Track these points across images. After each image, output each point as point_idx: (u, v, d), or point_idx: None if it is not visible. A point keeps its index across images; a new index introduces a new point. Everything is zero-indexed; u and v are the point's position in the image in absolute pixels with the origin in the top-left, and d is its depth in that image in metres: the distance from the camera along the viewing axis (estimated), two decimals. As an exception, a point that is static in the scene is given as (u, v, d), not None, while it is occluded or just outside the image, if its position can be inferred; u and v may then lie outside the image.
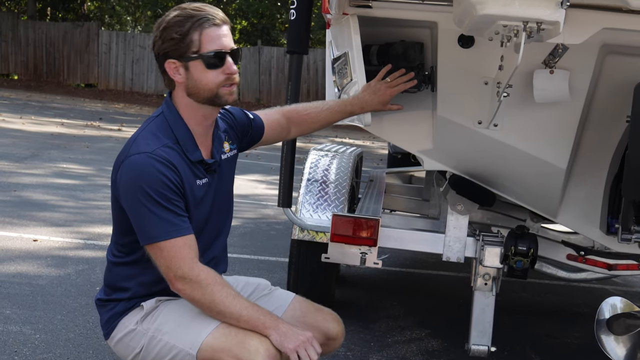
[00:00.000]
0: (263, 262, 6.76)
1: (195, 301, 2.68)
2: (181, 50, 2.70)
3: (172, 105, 2.81)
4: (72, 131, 15.93)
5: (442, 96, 3.79)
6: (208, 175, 2.85)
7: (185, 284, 2.65)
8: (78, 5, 31.73)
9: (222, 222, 3.02)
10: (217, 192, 2.93)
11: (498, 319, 4.17)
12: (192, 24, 2.69)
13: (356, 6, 3.58)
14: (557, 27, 2.84)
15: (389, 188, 6.29)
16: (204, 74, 2.73)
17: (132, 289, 2.83)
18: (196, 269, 2.65)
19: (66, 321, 4.75)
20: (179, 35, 2.68)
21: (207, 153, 2.87)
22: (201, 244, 2.84)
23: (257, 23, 30.85)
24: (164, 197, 2.64)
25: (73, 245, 6.68)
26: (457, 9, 3.14)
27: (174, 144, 2.74)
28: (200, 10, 2.72)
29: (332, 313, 3.08)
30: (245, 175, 11.74)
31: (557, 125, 3.75)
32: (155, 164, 2.64)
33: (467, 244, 4.22)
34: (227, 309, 2.65)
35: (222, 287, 2.67)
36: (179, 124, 2.78)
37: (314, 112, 3.41)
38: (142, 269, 2.77)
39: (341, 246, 4.11)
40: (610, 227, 4.00)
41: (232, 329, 2.66)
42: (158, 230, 2.64)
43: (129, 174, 2.67)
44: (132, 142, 2.75)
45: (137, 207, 2.65)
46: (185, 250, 2.65)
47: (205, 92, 2.75)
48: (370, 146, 18.57)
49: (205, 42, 2.70)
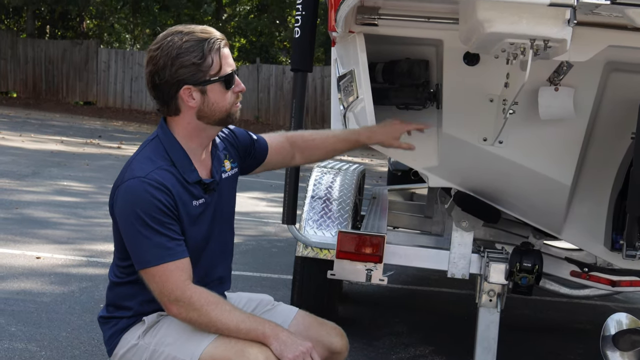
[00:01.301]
0: (265, 279, 6.76)
1: (193, 322, 2.69)
2: (199, 75, 2.68)
3: (167, 129, 2.80)
4: (71, 149, 15.95)
5: (447, 113, 3.80)
6: (206, 195, 2.84)
7: (180, 308, 2.66)
8: (77, 23, 31.81)
9: (225, 241, 3.02)
10: (218, 211, 2.92)
11: (501, 335, 4.17)
12: (210, 46, 2.68)
13: (362, 24, 3.60)
14: (564, 44, 2.86)
15: (391, 205, 6.29)
16: (222, 95, 2.74)
17: (134, 307, 2.84)
18: (188, 292, 2.65)
19: (71, 338, 4.75)
20: (199, 59, 2.66)
21: (207, 173, 2.87)
22: (204, 264, 2.86)
23: (255, 41, 30.95)
24: (157, 221, 2.64)
25: (76, 263, 6.69)
26: (464, 27, 3.16)
27: (170, 166, 2.74)
28: (207, 32, 2.73)
29: (336, 327, 3.08)
30: (246, 193, 11.74)
31: (562, 142, 3.77)
32: (149, 188, 2.64)
33: (471, 260, 4.23)
34: (225, 325, 2.66)
35: (217, 305, 2.68)
36: (174, 146, 2.77)
37: (319, 138, 3.38)
38: (143, 288, 2.76)
39: (347, 263, 4.12)
40: (615, 243, 4.02)
41: (232, 340, 2.67)
42: (150, 256, 2.64)
43: (124, 199, 2.68)
44: (127, 168, 2.75)
45: (131, 232, 2.66)
46: (177, 274, 2.65)
47: (220, 114, 2.76)
48: (370, 163, 18.58)
49: (223, 63, 2.72)
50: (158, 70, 2.69)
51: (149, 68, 2.72)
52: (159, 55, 2.69)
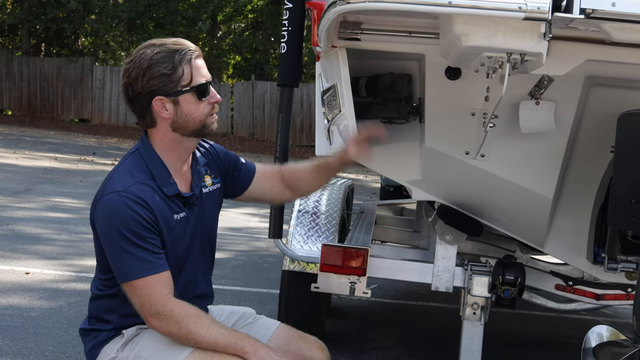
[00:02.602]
0: (255, 294, 6.77)
1: (172, 335, 2.70)
2: (170, 85, 2.71)
3: (148, 142, 2.83)
4: (65, 165, 15.96)
5: (429, 127, 3.84)
6: (186, 209, 2.86)
7: (160, 321, 2.67)
8: (72, 41, 31.84)
9: (206, 256, 3.03)
10: (198, 226, 2.93)
11: (489, 350, 4.19)
12: (181, 57, 2.71)
13: (345, 39, 3.63)
14: (541, 58, 2.89)
15: (381, 220, 6.32)
16: (195, 106, 2.76)
17: (114, 321, 2.85)
18: (169, 305, 2.67)
19: (57, 352, 4.76)
20: (170, 70, 2.69)
21: (187, 187, 2.88)
22: (185, 278, 2.87)
23: (250, 58, 30.97)
24: (137, 235, 2.66)
25: (65, 278, 6.69)
26: (443, 41, 3.19)
27: (149, 180, 2.76)
28: (179, 43, 2.76)
29: (317, 341, 3.08)
30: (238, 209, 11.76)
31: (544, 156, 3.80)
32: (129, 202, 2.66)
33: (455, 273, 4.26)
34: (204, 339, 2.67)
35: (197, 319, 2.69)
36: (154, 159, 2.80)
37: (301, 169, 3.26)
38: (123, 301, 2.77)
39: (330, 276, 4.15)
40: (597, 256, 4.05)
41: (208, 353, 2.69)
42: (131, 269, 2.66)
43: (104, 214, 2.70)
44: (107, 181, 2.77)
45: (112, 246, 2.68)
46: (158, 287, 2.67)
47: (194, 124, 2.77)
48: (364, 180, 18.63)
49: (195, 74, 2.74)
50: (131, 82, 2.73)
51: (123, 81, 2.77)
52: (131, 67, 2.73)
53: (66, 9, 28.60)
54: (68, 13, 28.91)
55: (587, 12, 2.68)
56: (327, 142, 4.13)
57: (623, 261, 3.86)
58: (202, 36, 30.37)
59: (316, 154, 4.06)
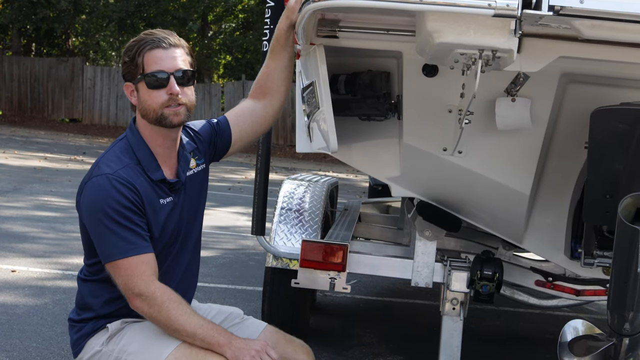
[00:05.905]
0: (240, 291, 6.80)
1: (152, 318, 2.75)
2: (132, 73, 2.84)
3: (135, 128, 2.92)
4: (55, 165, 15.96)
5: (407, 124, 3.87)
6: (173, 195, 2.92)
7: (142, 302, 2.72)
8: (63, 41, 31.81)
9: (192, 243, 3.08)
10: (185, 211, 2.99)
11: (471, 346, 4.22)
12: (139, 47, 2.82)
13: (323, 36, 3.66)
14: (512, 55, 2.93)
15: (365, 217, 6.35)
16: (148, 95, 2.84)
17: (96, 308, 2.90)
18: (152, 287, 2.72)
19: (41, 349, 4.78)
20: (129, 58, 2.84)
21: (172, 173, 2.95)
22: (169, 263, 2.93)
23: (241, 58, 30.97)
24: (123, 216, 2.72)
25: (51, 276, 6.71)
26: (418, 38, 3.22)
27: (136, 165, 2.84)
28: (151, 34, 2.86)
29: (304, 345, 3.12)
30: (227, 208, 11.79)
31: (520, 152, 3.83)
32: (116, 184, 2.73)
33: (435, 269, 4.29)
34: (182, 326, 2.72)
35: (178, 305, 2.74)
36: (141, 145, 2.88)
37: (265, 67, 3.31)
38: (107, 288, 2.84)
39: (310, 271, 4.18)
40: (574, 252, 4.08)
41: (193, 349, 2.73)
42: (116, 249, 2.72)
43: (90, 196, 2.77)
44: (95, 166, 2.84)
45: (98, 227, 2.75)
46: (142, 268, 2.72)
47: (151, 113, 2.85)
48: (353, 179, 18.65)
49: (147, 63, 2.82)
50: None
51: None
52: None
53: (56, 9, 28.60)
54: (58, 13, 28.91)
55: (555, 9, 2.71)
56: (307, 139, 4.15)
57: (599, 256, 3.91)
58: (193, 36, 30.34)
59: (297, 150, 4.09)
